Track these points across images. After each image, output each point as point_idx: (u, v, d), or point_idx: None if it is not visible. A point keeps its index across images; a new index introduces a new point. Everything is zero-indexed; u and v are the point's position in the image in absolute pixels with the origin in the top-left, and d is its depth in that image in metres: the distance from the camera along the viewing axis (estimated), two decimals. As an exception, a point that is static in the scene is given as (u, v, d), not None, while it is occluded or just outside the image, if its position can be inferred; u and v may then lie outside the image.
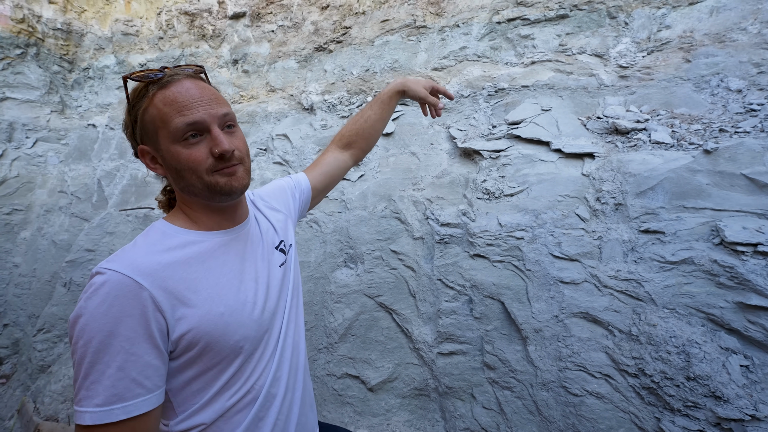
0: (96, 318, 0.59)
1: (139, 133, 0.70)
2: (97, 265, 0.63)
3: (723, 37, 2.09)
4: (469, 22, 2.72)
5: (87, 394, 0.58)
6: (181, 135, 0.67)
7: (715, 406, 1.19)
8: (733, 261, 1.34)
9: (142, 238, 0.69)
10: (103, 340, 0.59)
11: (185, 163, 0.68)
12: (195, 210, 0.74)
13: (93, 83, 4.10)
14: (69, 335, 0.63)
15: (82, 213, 3.44)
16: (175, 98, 0.67)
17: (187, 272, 0.67)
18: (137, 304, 0.61)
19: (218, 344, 0.68)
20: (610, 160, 1.80)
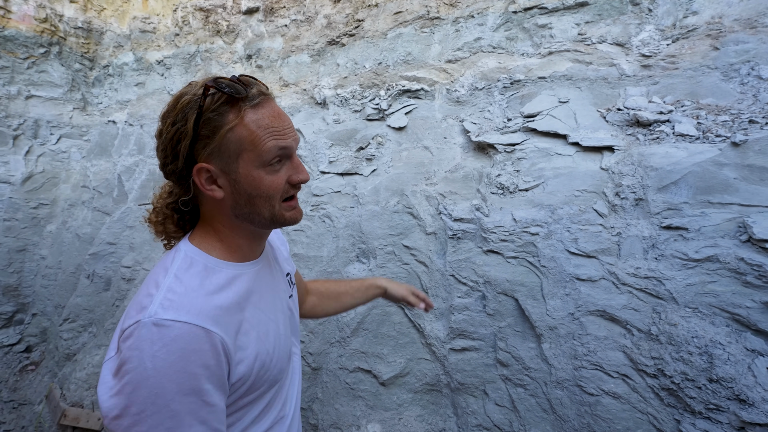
0: (172, 378, 0.51)
1: (206, 150, 0.61)
2: (148, 313, 0.53)
3: (755, 22, 1.98)
4: (484, 12, 2.66)
5: None
6: (269, 160, 0.62)
7: (739, 409, 1.15)
8: (761, 259, 1.28)
9: (184, 274, 0.60)
10: (183, 400, 0.52)
11: (264, 190, 0.63)
12: (238, 237, 0.68)
13: (113, 80, 4.20)
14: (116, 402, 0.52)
15: (104, 207, 3.55)
16: (270, 122, 0.62)
17: (240, 313, 0.63)
18: (214, 353, 0.56)
19: (261, 380, 0.65)
20: (631, 153, 1.73)
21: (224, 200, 0.64)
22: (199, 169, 0.61)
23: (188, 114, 0.59)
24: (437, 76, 2.65)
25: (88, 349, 2.93)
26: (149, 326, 0.52)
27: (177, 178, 0.64)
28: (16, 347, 3.34)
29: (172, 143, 0.61)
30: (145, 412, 0.50)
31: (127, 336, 0.53)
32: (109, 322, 2.98)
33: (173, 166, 0.62)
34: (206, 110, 0.59)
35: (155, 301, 0.55)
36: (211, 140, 0.60)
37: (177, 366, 0.52)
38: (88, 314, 3.16)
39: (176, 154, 0.61)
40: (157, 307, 0.54)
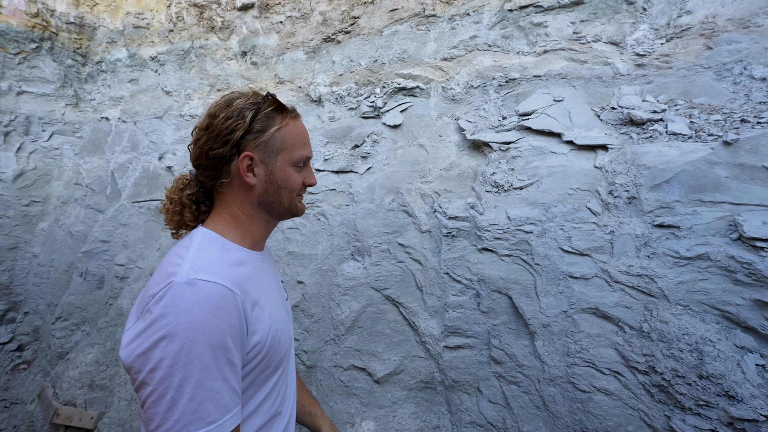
0: (203, 332, 0.57)
1: (254, 141, 0.74)
2: (180, 274, 0.60)
3: (747, 22, 1.99)
4: (479, 10, 2.65)
5: (196, 417, 0.55)
6: (298, 161, 0.79)
7: (729, 405, 1.16)
8: (751, 257, 1.29)
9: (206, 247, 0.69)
10: (214, 354, 0.57)
11: (290, 183, 0.78)
12: (253, 225, 0.79)
13: (106, 76, 4.15)
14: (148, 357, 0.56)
15: (97, 205, 3.52)
16: (303, 133, 0.81)
17: (254, 288, 0.71)
18: (237, 314, 0.62)
19: (271, 356, 0.72)
20: (624, 152, 1.74)
21: (255, 188, 0.76)
22: (245, 156, 0.73)
23: (245, 112, 0.72)
24: (433, 74, 2.65)
25: (81, 348, 2.91)
26: (182, 285, 0.59)
27: (215, 162, 0.74)
28: (8, 346, 3.30)
29: (225, 132, 0.72)
30: (178, 364, 0.55)
31: (160, 297, 0.58)
32: (102, 320, 2.96)
33: (219, 152, 0.72)
34: (261, 111, 0.74)
35: (184, 266, 0.62)
36: (261, 135, 0.74)
37: (208, 321, 0.57)
38: (81, 312, 3.13)
39: (226, 142, 0.72)
40: (187, 269, 0.61)
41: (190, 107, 3.61)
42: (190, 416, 0.55)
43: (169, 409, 0.55)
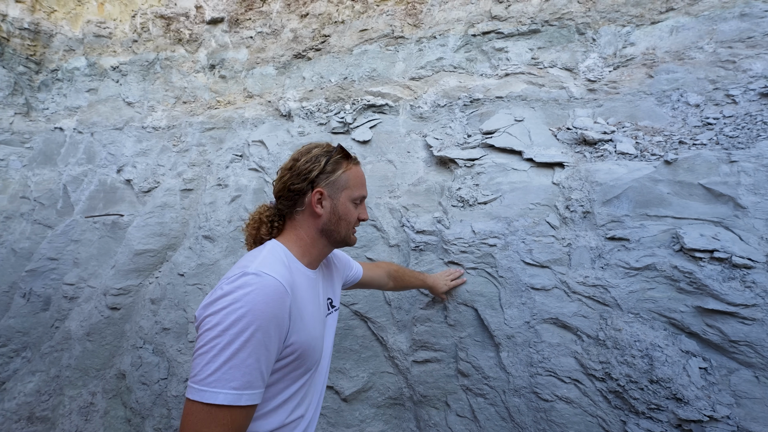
0: (254, 312, 0.70)
1: (325, 180, 0.95)
2: (252, 267, 0.77)
3: (682, 54, 2.21)
4: (445, 33, 2.78)
5: (224, 377, 0.67)
6: (356, 199, 1.00)
7: (677, 408, 1.23)
8: (692, 267, 1.40)
9: (274, 253, 0.87)
10: (255, 334, 0.70)
11: (349, 216, 0.98)
12: (313, 248, 0.97)
13: (62, 85, 3.96)
14: (209, 320, 0.70)
15: (46, 220, 3.28)
16: (361, 176, 1.03)
17: (302, 295, 0.85)
18: (284, 309, 0.76)
19: (303, 360, 0.84)
20: (579, 169, 1.85)
21: (321, 217, 0.96)
22: (317, 191, 0.94)
23: (320, 157, 0.95)
24: (401, 93, 2.73)
25: (21, 376, 2.66)
26: (251, 275, 0.75)
27: (294, 195, 0.95)
28: (-68, 377, 2.95)
29: (305, 172, 0.94)
30: (227, 332, 0.68)
31: (233, 280, 0.75)
32: (47, 345, 2.73)
33: (299, 186, 0.94)
34: (332, 157, 0.97)
35: (256, 262, 0.80)
36: (331, 175, 0.96)
37: (261, 306, 0.71)
38: (22, 337, 2.87)
39: (305, 179, 0.94)
40: (258, 265, 0.78)
41: (153, 119, 3.50)
42: (221, 375, 0.67)
43: (207, 363, 0.67)
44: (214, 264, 2.54)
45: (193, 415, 0.66)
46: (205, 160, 3.13)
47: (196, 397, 0.66)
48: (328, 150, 0.97)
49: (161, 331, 2.41)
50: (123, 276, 2.74)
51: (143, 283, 2.75)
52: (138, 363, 2.37)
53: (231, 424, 0.67)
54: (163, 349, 2.35)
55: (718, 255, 1.37)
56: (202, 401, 0.66)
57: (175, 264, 2.66)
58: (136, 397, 2.28)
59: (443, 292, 1.72)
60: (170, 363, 2.28)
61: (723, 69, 2.04)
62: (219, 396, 0.66)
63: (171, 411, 2.11)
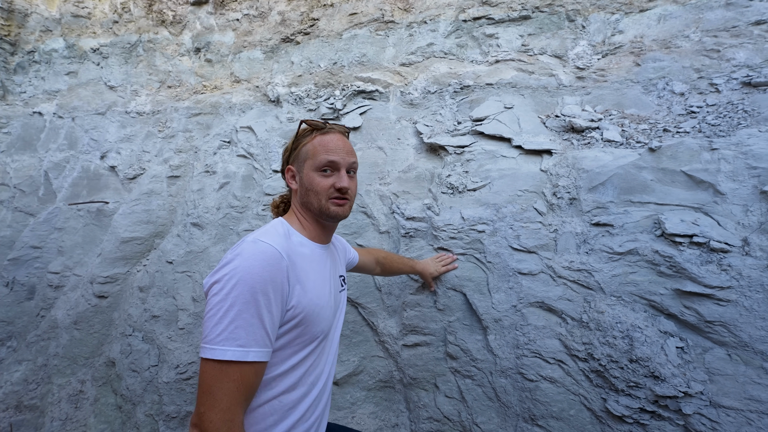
0: (252, 276, 0.77)
1: (293, 158, 1.03)
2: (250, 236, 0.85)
3: (669, 43, 2.23)
4: (436, 18, 2.75)
5: (230, 336, 0.74)
6: (320, 167, 0.97)
7: (654, 385, 1.28)
8: (672, 251, 1.44)
9: (273, 229, 0.92)
10: (254, 295, 0.76)
11: (314, 187, 0.98)
12: (307, 220, 1.02)
13: (39, 67, 3.81)
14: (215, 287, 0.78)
15: (27, 207, 3.20)
16: (327, 143, 0.99)
17: (303, 264, 0.91)
18: (281, 272, 0.82)
19: (310, 325, 0.89)
20: (566, 156, 1.88)
21: (297, 192, 1.03)
22: (287, 168, 1.05)
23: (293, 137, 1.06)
24: (392, 79, 2.70)
25: (7, 366, 2.63)
26: (249, 242, 0.83)
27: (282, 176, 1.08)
28: None
29: (283, 154, 1.08)
30: (230, 294, 0.75)
31: (234, 248, 0.83)
32: (33, 334, 2.69)
33: (282, 168, 1.08)
34: (299, 135, 1.04)
35: (255, 233, 0.88)
36: (296, 150, 1.02)
37: (257, 270, 0.78)
38: (7, 327, 2.82)
39: (284, 161, 1.08)
40: (256, 234, 0.86)
41: (137, 104, 3.41)
42: (227, 334, 0.74)
43: (215, 325, 0.74)
44: (203, 251, 2.52)
45: (206, 372, 0.74)
46: (192, 147, 3.07)
47: (207, 355, 0.73)
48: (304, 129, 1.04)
49: (150, 319, 2.40)
50: (110, 264, 2.70)
51: (131, 271, 2.72)
52: (128, 350, 2.36)
53: (240, 379, 0.74)
54: (153, 336, 2.35)
55: (697, 240, 1.41)
56: (213, 358, 0.73)
57: (163, 251, 2.63)
58: (126, 384, 2.28)
59: (434, 277, 1.77)
60: (160, 350, 2.28)
61: (708, 58, 2.07)
62: (227, 353, 0.73)
63: (162, 397, 2.12)
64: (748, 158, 1.52)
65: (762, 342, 1.24)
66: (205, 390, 0.73)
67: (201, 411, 0.72)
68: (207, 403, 0.72)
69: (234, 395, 0.73)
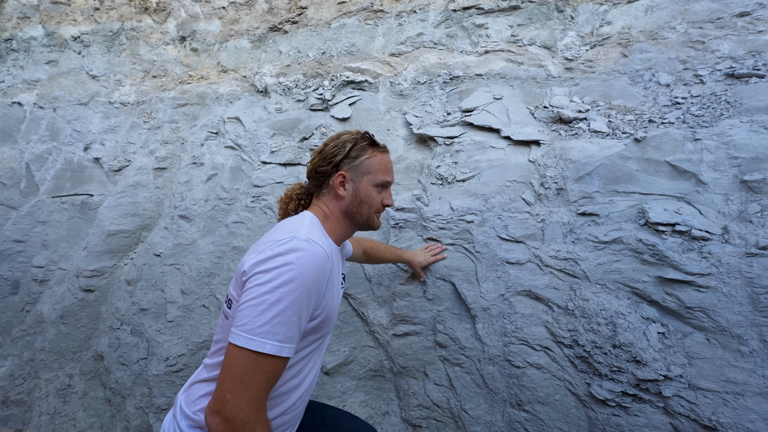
0: (305, 275, 0.78)
1: (348, 164, 1.03)
2: (300, 236, 0.84)
3: (655, 34, 2.25)
4: (425, 8, 2.73)
5: (272, 330, 0.75)
6: (379, 184, 1.06)
7: (636, 369, 1.32)
8: (655, 240, 1.48)
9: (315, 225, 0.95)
10: (301, 295, 0.78)
11: (370, 200, 1.05)
12: (337, 226, 1.05)
13: (18, 56, 3.68)
14: (260, 277, 0.78)
15: (9, 200, 3.12)
16: (387, 163, 1.09)
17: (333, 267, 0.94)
18: (325, 276, 0.85)
19: (324, 325, 0.93)
20: (554, 147, 1.90)
21: (344, 199, 1.04)
22: (340, 174, 1.03)
23: (347, 143, 1.04)
24: (381, 69, 2.68)
25: (-8, 361, 2.58)
26: (302, 240, 0.83)
27: (320, 176, 1.04)
28: None
29: (330, 156, 1.03)
30: (279, 289, 0.76)
31: (284, 243, 0.82)
32: (18, 329, 2.65)
33: (325, 169, 1.03)
34: (358, 144, 1.05)
35: (302, 230, 0.87)
36: (355, 160, 1.04)
37: (310, 270, 0.79)
38: (-9, 322, 2.77)
39: (329, 162, 1.03)
40: (306, 232, 0.86)
41: (120, 94, 3.32)
42: (269, 328, 0.75)
43: (258, 315, 0.75)
44: (191, 243, 2.49)
45: (240, 360, 0.74)
46: (179, 138, 3.02)
47: (246, 344, 0.74)
48: (356, 137, 1.05)
49: (139, 312, 2.38)
50: (96, 257, 2.66)
51: (118, 265, 2.69)
52: (116, 344, 2.34)
53: (273, 372, 0.77)
54: (141, 329, 2.33)
55: (679, 228, 1.45)
56: (251, 348, 0.74)
57: (150, 244, 2.60)
58: (115, 377, 2.26)
59: (423, 267, 1.77)
60: (149, 343, 2.27)
61: (693, 49, 2.10)
62: (267, 346, 0.74)
63: (152, 390, 2.11)
64: (730, 148, 1.55)
65: (739, 326, 1.28)
66: (236, 377, 0.73)
67: (228, 398, 0.72)
68: (237, 390, 0.73)
69: (264, 386, 0.76)
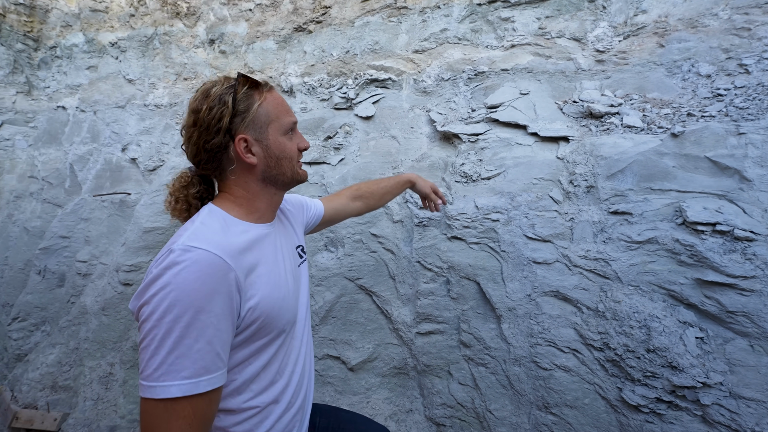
0: (189, 293, 0.62)
1: (242, 122, 0.76)
2: (178, 242, 0.65)
3: (695, 22, 2.13)
4: (450, 3, 2.69)
5: (171, 369, 0.60)
6: (287, 129, 0.82)
7: (671, 375, 1.27)
8: (693, 240, 1.41)
9: (208, 220, 0.74)
10: (195, 316, 0.62)
11: (288, 152, 0.82)
12: (258, 201, 0.83)
13: (61, 62, 3.91)
14: (143, 311, 0.62)
15: (55, 199, 3.33)
16: (282, 102, 0.83)
17: (252, 257, 0.75)
18: (225, 282, 0.66)
19: (271, 324, 0.76)
20: (584, 143, 1.83)
21: (257, 166, 0.80)
22: (240, 139, 0.76)
23: (225, 97, 0.74)
24: (404, 66, 2.67)
25: (42, 348, 2.78)
26: (178, 251, 0.64)
27: (213, 153, 0.76)
28: (-42, 350, 3.10)
29: (214, 122, 0.74)
30: (164, 319, 0.60)
31: (160, 261, 0.65)
32: (64, 319, 2.83)
33: (215, 142, 0.75)
34: (239, 92, 0.76)
35: (185, 235, 0.67)
36: (247, 114, 0.76)
37: (194, 284, 0.62)
38: (41, 312, 2.98)
39: (218, 130, 0.74)
40: (185, 238, 0.66)
41: (154, 96, 3.47)
42: (167, 367, 0.60)
43: (151, 358, 0.61)
44: (221, 241, 2.58)
45: (148, 413, 0.61)
46: (209, 138, 3.12)
47: (147, 394, 0.60)
48: (231, 85, 0.76)
49: (173, 306, 2.49)
50: (133, 253, 2.80)
51: (153, 260, 2.82)
52: (152, 336, 2.46)
53: (194, 415, 0.62)
54: (175, 322, 2.44)
55: (720, 228, 1.37)
56: (154, 398, 0.60)
57: (183, 241, 2.71)
58: (152, 367, 2.38)
59: (425, 194, 1.34)
60: (183, 336, 2.37)
61: (737, 37, 1.97)
62: (171, 389, 0.60)
63: (186, 380, 2.22)
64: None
65: (787, 333, 1.21)
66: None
67: None
68: None
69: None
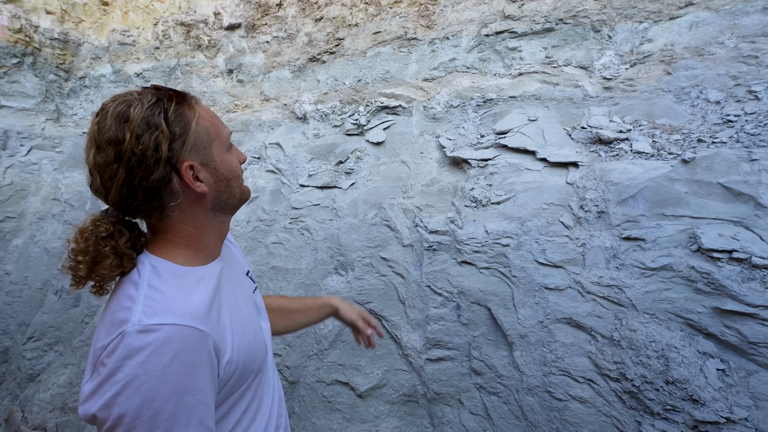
0: (166, 380, 0.51)
1: (183, 146, 0.61)
2: (131, 321, 0.52)
3: (702, 50, 2.16)
4: (458, 34, 2.79)
5: None
6: (228, 145, 0.70)
7: (693, 409, 1.22)
8: (709, 267, 1.38)
9: (157, 281, 0.59)
10: (179, 401, 0.52)
11: (235, 171, 0.70)
12: (208, 235, 0.69)
13: (89, 92, 4.14)
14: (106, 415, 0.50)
15: (75, 220, 3.45)
16: (214, 113, 0.70)
17: (217, 310, 0.64)
18: (205, 352, 0.57)
19: (247, 371, 0.67)
20: (594, 169, 1.84)
21: (207, 194, 0.66)
22: (186, 167, 0.61)
23: (154, 119, 0.58)
24: (414, 94, 2.75)
25: (54, 369, 2.81)
26: (134, 334, 0.51)
27: (153, 192, 0.60)
28: (-27, 369, 3.15)
29: (150, 152, 0.57)
30: (141, 418, 0.50)
31: (112, 349, 0.52)
32: (78, 339, 2.87)
33: (156, 176, 0.59)
34: (169, 111, 0.60)
35: (135, 311, 0.54)
36: (186, 136, 0.62)
37: (171, 368, 0.52)
38: (55, 332, 3.03)
39: (157, 161, 0.58)
40: (139, 315, 0.53)
41: (174, 123, 3.62)
42: None
43: None
44: (233, 263, 2.62)
45: None
46: (224, 163, 3.22)
47: None
48: (152, 102, 0.60)
49: (184, 328, 2.50)
50: (147, 274, 2.86)
51: (166, 282, 2.86)
52: (162, 358, 2.47)
53: None
54: (185, 344, 2.45)
55: (737, 255, 1.34)
56: None
57: (196, 263, 2.76)
58: (160, 390, 2.38)
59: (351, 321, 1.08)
60: (192, 358, 2.37)
61: (745, 64, 1.99)
62: None
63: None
64: (793, 169, 1.44)
65: (814, 366, 1.16)
66: None
67: None
68: None
69: None
